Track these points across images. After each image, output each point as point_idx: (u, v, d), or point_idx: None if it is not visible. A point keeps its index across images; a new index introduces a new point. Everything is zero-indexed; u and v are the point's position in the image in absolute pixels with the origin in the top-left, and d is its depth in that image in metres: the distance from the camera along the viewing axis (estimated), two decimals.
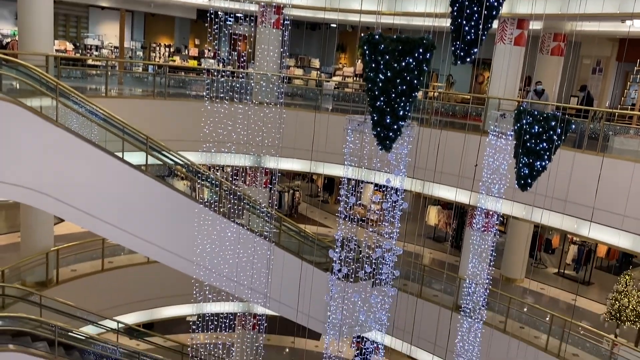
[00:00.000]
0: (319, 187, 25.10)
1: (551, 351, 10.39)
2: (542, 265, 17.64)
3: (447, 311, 11.57)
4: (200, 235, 9.59)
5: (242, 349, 13.87)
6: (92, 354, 10.05)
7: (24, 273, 11.27)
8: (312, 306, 10.35)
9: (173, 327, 17.59)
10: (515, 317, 11.59)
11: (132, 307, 12.78)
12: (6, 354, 8.62)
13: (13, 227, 15.87)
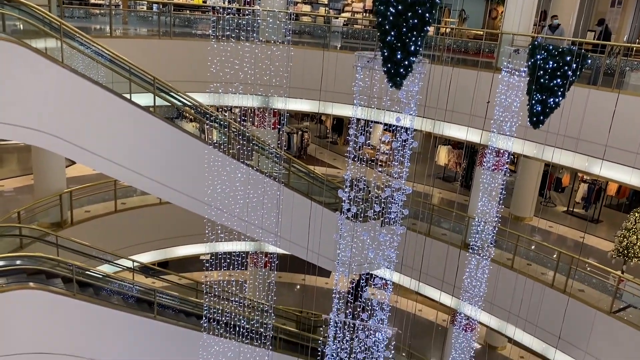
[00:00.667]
0: (328, 128, 24.97)
1: (557, 287, 10.57)
2: (552, 203, 17.69)
3: (456, 249, 11.73)
4: (210, 176, 9.65)
5: (255, 285, 14.25)
6: (110, 291, 10.37)
7: (39, 214, 11.51)
8: (321, 245, 10.53)
9: (187, 266, 18.05)
10: (523, 254, 11.74)
11: (147, 247, 13.08)
12: (26, 291, 8.92)
13: (26, 169, 16.09)
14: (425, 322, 16.65)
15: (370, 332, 7.65)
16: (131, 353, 10.47)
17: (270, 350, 10.92)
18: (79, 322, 9.74)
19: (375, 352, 7.78)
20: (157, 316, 10.31)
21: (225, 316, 10.83)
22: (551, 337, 10.54)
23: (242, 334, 10.77)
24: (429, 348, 15.78)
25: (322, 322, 13.36)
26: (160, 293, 10.89)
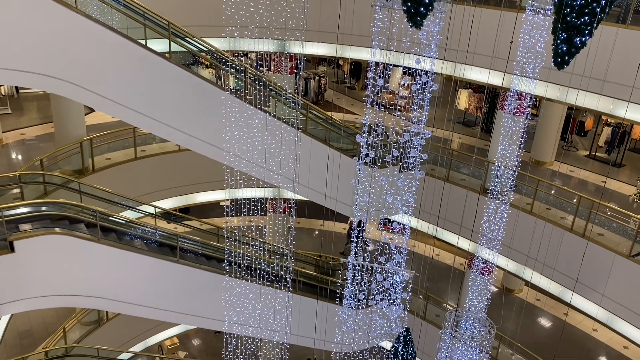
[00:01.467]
0: (346, 72, 24.57)
1: (576, 231, 10.54)
2: (574, 148, 17.41)
3: (475, 194, 11.69)
4: (228, 123, 9.64)
5: (274, 230, 14.47)
6: (133, 236, 10.63)
7: (61, 162, 11.69)
8: (339, 191, 10.58)
9: (208, 212, 18.37)
10: (543, 199, 11.67)
11: (167, 193, 13.28)
12: (52, 237, 9.18)
13: (46, 118, 16.25)
14: (443, 266, 16.88)
15: (387, 274, 7.76)
16: (154, 295, 10.83)
17: (290, 292, 11.20)
18: (103, 266, 10.05)
19: (392, 294, 7.94)
20: (179, 260, 10.58)
21: (245, 260, 11.08)
22: (568, 280, 10.61)
23: (262, 276, 11.03)
24: (446, 291, 16.06)
25: (341, 266, 13.61)
26: (182, 238, 11.13)
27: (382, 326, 10.43)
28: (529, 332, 15.00)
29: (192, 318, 11.66)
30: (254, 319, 11.33)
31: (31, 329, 13.31)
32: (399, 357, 9.07)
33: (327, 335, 12.08)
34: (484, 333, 8.78)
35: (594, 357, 14.73)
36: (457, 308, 9.57)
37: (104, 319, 14.04)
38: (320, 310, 11.73)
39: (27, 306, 9.57)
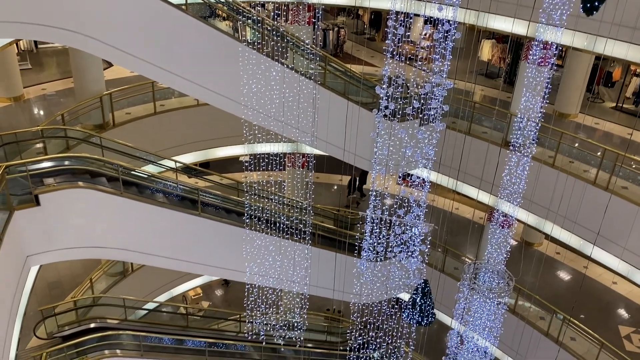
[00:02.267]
0: (365, 23, 24.00)
1: (599, 184, 10.39)
2: (599, 99, 16.95)
3: (496, 147, 11.53)
4: (246, 75, 9.54)
5: (293, 184, 14.53)
6: (155, 190, 10.78)
7: (82, 117, 11.78)
8: (358, 145, 10.50)
9: (228, 167, 18.48)
10: (566, 152, 11.46)
11: (187, 148, 13.36)
12: (75, 190, 9.34)
13: (65, 72, 16.29)
14: (462, 220, 16.87)
15: (406, 227, 7.79)
16: (177, 247, 11.07)
17: (309, 245, 11.34)
18: (126, 219, 10.26)
19: (411, 246, 7.98)
20: (201, 213, 10.74)
21: (265, 213, 11.18)
22: (589, 233, 10.53)
23: (282, 229, 11.16)
24: (465, 245, 16.12)
25: (359, 220, 13.69)
26: (203, 192, 11.26)
27: (400, 278, 10.55)
28: (547, 285, 15.06)
29: (214, 269, 11.93)
30: (274, 270, 11.54)
31: (59, 280, 13.77)
32: (417, 308, 9.20)
33: (345, 287, 12.29)
34: (502, 285, 8.84)
35: (613, 309, 14.78)
36: (475, 260, 9.62)
37: (129, 270, 14.45)
38: (339, 263, 11.89)
39: (54, 258, 9.86)
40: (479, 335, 10.02)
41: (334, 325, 15.60)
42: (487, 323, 9.55)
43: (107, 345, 11.63)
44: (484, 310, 9.38)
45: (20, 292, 8.75)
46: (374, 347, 14.18)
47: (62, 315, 11.77)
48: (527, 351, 11.89)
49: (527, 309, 12.32)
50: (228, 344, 13.35)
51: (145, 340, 12.10)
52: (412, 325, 10.19)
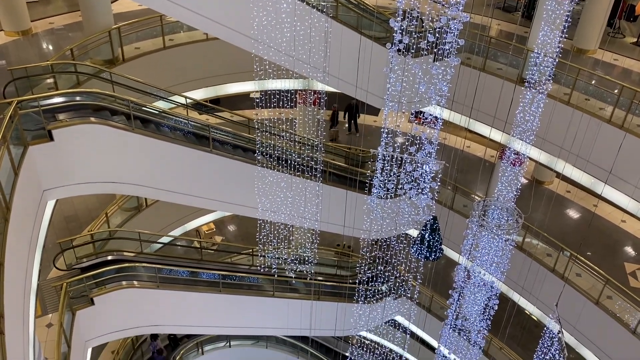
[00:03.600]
0: None
1: (615, 122, 10.23)
2: (620, 34, 16.39)
3: (511, 84, 11.30)
4: (255, 8, 9.30)
5: (304, 121, 14.47)
6: (167, 126, 10.80)
7: (92, 52, 11.65)
8: (370, 82, 10.34)
9: (238, 104, 18.39)
10: (582, 89, 11.23)
11: (197, 84, 13.23)
12: (88, 126, 9.39)
13: (73, 6, 15.96)
14: (473, 158, 16.83)
15: (417, 164, 7.80)
16: (190, 183, 11.21)
17: (320, 182, 11.43)
18: (139, 155, 10.35)
19: (421, 183, 8.03)
20: (212, 150, 10.79)
21: (276, 150, 11.22)
22: (601, 172, 10.48)
23: (293, 167, 11.22)
24: (475, 182, 16.15)
25: (370, 157, 13.71)
26: (214, 128, 11.26)
27: (410, 214, 10.68)
28: (556, 223, 15.18)
29: (226, 205, 12.13)
30: (286, 206, 11.70)
31: (76, 214, 14.07)
32: (425, 244, 9.36)
33: (355, 223, 12.48)
34: (511, 222, 8.93)
35: (620, 247, 14.93)
36: (485, 198, 9.67)
37: (143, 205, 14.72)
38: (349, 200, 12.02)
39: (69, 192, 10.06)
40: (486, 271, 10.23)
41: (344, 260, 15.98)
42: (494, 259, 9.72)
43: (125, 277, 12.04)
44: (492, 246, 9.53)
45: (39, 224, 8.98)
46: (382, 280, 14.58)
47: (80, 248, 12.14)
48: (532, 287, 12.14)
49: (534, 246, 12.48)
50: (241, 276, 13.76)
51: (160, 272, 12.51)
52: (420, 260, 10.41)
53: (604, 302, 11.25)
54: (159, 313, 13.06)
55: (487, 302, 10.36)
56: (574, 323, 11.70)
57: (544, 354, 9.02)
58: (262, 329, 15.21)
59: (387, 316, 15.13)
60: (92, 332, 11.63)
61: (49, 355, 9.84)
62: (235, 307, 13.70)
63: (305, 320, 13.77)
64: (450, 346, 11.89)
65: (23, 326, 7.76)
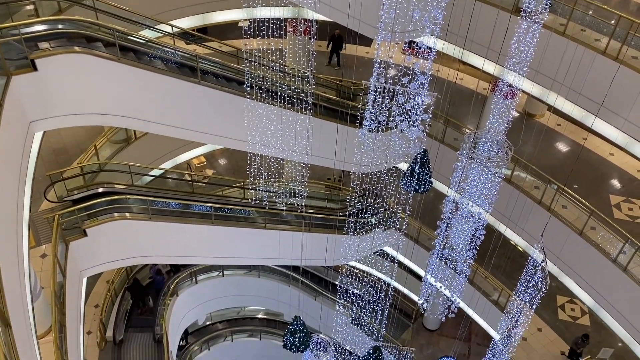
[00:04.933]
0: None
1: (609, 54, 10.10)
2: None
3: (506, 14, 11.02)
4: None
5: (294, 51, 14.16)
6: (153, 56, 10.52)
7: None
8: (363, 10, 10.03)
9: (227, 33, 17.88)
10: (578, 19, 10.99)
11: (183, 12, 12.81)
12: (71, 55, 9.12)
13: None
14: (465, 91, 16.70)
15: (409, 96, 7.71)
16: (178, 115, 11.07)
17: (310, 115, 11.32)
18: (126, 86, 10.13)
19: (413, 115, 7.98)
20: (200, 81, 10.58)
21: (266, 82, 11.02)
22: (593, 104, 10.45)
23: (283, 99, 11.07)
24: (467, 116, 16.11)
25: (362, 90, 13.54)
26: (202, 59, 10.99)
27: (401, 147, 10.68)
28: (545, 156, 15.32)
29: (216, 138, 12.05)
30: (276, 139, 11.65)
31: (65, 147, 14.00)
32: (414, 177, 9.43)
33: (346, 157, 12.49)
34: (501, 154, 8.98)
35: (606, 179, 15.17)
36: (476, 130, 9.67)
37: (132, 138, 14.61)
38: (340, 133, 11.97)
39: (56, 124, 9.91)
40: (474, 203, 10.39)
41: (334, 193, 16.14)
42: (483, 191, 9.85)
43: (116, 209, 12.12)
44: (481, 178, 9.62)
45: (27, 156, 8.91)
46: (372, 212, 14.81)
47: (70, 181, 12.14)
48: (519, 218, 12.39)
49: (522, 179, 12.64)
50: (233, 209, 13.90)
51: (152, 204, 12.58)
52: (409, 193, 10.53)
53: (587, 233, 11.55)
54: (152, 244, 13.27)
55: (474, 232, 10.60)
56: (558, 253, 12.05)
57: (527, 282, 9.34)
58: (255, 259, 15.55)
59: (376, 247, 15.49)
60: (87, 262, 11.83)
61: (45, 285, 10.06)
62: (227, 238, 13.94)
63: (296, 250, 14.07)
64: (436, 275, 12.25)
65: (17, 256, 7.87)
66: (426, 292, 12.45)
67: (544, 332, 14.84)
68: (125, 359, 14.09)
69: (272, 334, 19.89)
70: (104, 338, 14.21)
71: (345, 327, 16.87)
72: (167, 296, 15.58)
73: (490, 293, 14.20)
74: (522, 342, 14.44)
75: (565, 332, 14.80)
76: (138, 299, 15.72)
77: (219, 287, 17.55)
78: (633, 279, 10.73)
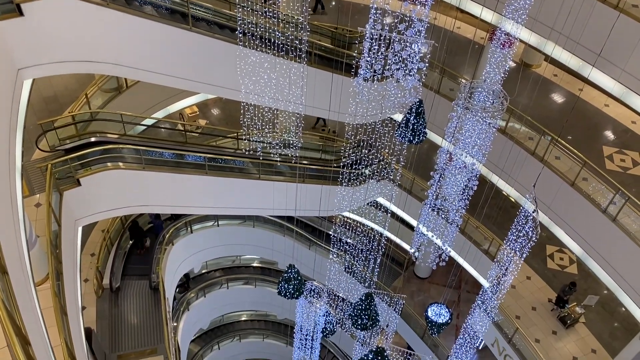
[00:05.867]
0: None
1: (610, 1, 9.89)
2: None
3: None
4: None
5: None
6: (143, 2, 10.21)
7: None
8: None
9: None
10: None
11: None
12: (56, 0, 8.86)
13: None
14: (462, 40, 16.42)
15: (406, 44, 7.56)
16: (170, 63, 10.87)
17: (304, 64, 11.14)
18: (115, 33, 9.90)
19: (409, 64, 7.85)
20: (192, 27, 10.33)
21: (259, 29, 10.77)
22: (590, 54, 10.33)
23: (277, 46, 10.86)
24: (463, 65, 15.91)
25: (358, 37, 13.30)
26: (193, 4, 10.70)
27: (396, 96, 10.57)
28: (540, 107, 15.25)
29: (208, 87, 11.87)
30: (270, 89, 11.50)
31: (55, 95, 13.77)
32: (409, 127, 9.37)
33: (341, 107, 12.39)
34: (496, 104, 8.92)
35: (600, 131, 15.18)
36: (472, 80, 9.56)
37: (123, 86, 14.39)
38: (335, 83, 11.82)
39: (44, 71, 9.73)
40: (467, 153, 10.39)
41: (329, 145, 16.11)
42: (477, 141, 9.83)
43: (109, 159, 12.08)
44: (475, 129, 9.59)
45: (17, 104, 8.78)
46: (366, 164, 14.84)
47: (62, 130, 12.02)
48: (512, 169, 12.46)
49: (517, 130, 12.62)
50: (226, 159, 13.88)
51: (145, 154, 12.53)
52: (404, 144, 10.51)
53: (579, 184, 11.65)
54: (147, 194, 13.30)
55: (467, 183, 10.65)
56: (549, 203, 12.19)
57: (518, 232, 9.47)
58: (249, 210, 15.66)
59: (370, 198, 15.61)
60: (81, 211, 11.87)
61: (40, 234, 10.12)
62: (222, 188, 13.98)
63: (290, 201, 14.16)
64: (428, 225, 12.39)
65: (12, 205, 7.88)
66: (418, 241, 12.63)
67: (532, 280, 15.20)
68: (123, 305, 14.38)
69: (267, 282, 20.29)
70: (100, 285, 14.44)
71: (339, 275, 17.22)
72: (162, 245, 15.77)
73: (481, 242, 14.45)
74: (511, 289, 14.80)
75: (553, 280, 15.16)
76: (137, 240, 16.01)
77: (214, 236, 17.75)
78: (621, 229, 10.92)
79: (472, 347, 12.48)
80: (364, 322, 11.51)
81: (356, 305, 11.65)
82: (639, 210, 10.86)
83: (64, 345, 8.27)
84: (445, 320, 11.64)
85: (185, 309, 18.22)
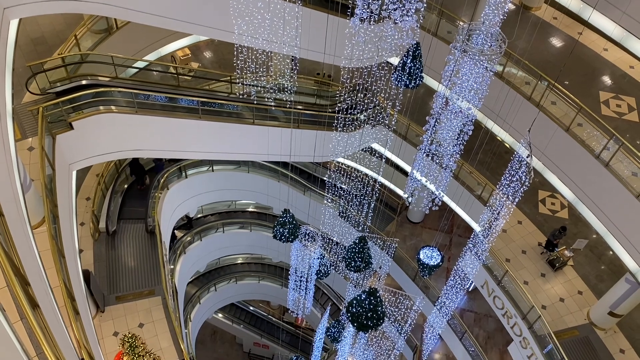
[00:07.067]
0: None
1: None
2: None
3: None
4: None
5: None
6: None
7: None
8: None
9: None
10: None
11: None
12: None
13: None
14: None
15: None
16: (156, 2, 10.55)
17: (299, 4, 10.84)
18: None
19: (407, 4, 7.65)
20: None
21: None
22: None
23: None
24: (461, 7, 15.53)
25: None
26: None
27: (393, 38, 10.35)
28: (538, 51, 15.03)
29: (200, 28, 11.58)
30: (264, 30, 11.22)
31: (43, 36, 13.42)
32: (406, 70, 9.24)
33: (337, 51, 12.15)
34: (494, 47, 8.77)
35: (598, 76, 15.04)
36: (470, 22, 9.36)
37: (113, 27, 14.02)
38: (330, 25, 11.54)
39: (31, 10, 9.44)
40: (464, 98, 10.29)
41: (324, 89, 15.91)
42: (474, 86, 9.71)
43: (102, 102, 11.92)
44: (472, 72, 9.46)
45: (4, 45, 8.57)
46: (361, 109, 14.73)
47: (52, 72, 11.79)
48: (507, 114, 12.40)
49: (514, 75, 12.48)
50: (220, 103, 13.72)
51: (138, 97, 12.36)
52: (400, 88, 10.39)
53: (574, 130, 11.65)
54: (140, 138, 13.21)
55: (462, 128, 10.61)
56: (543, 149, 12.22)
57: (512, 177, 9.52)
58: (243, 155, 15.63)
59: (364, 143, 15.58)
60: (75, 155, 11.82)
61: (34, 177, 10.11)
62: (216, 133, 13.89)
63: (285, 146, 14.11)
64: (422, 170, 12.44)
65: (4, 148, 7.82)
66: (411, 186, 12.71)
67: (523, 225, 15.45)
68: (119, 248, 14.57)
69: (262, 226, 20.51)
70: (97, 229, 14.58)
71: (333, 219, 17.42)
72: (157, 190, 15.82)
73: (474, 188, 14.58)
74: (502, 233, 15.08)
75: (544, 225, 15.41)
76: (138, 177, 16.22)
77: (209, 181, 17.79)
78: (614, 174, 11.00)
79: (462, 289, 12.82)
80: (357, 264, 11.74)
81: (350, 248, 11.85)
82: (632, 156, 10.91)
83: (63, 286, 8.43)
84: (437, 263, 11.88)
85: (182, 252, 18.49)
